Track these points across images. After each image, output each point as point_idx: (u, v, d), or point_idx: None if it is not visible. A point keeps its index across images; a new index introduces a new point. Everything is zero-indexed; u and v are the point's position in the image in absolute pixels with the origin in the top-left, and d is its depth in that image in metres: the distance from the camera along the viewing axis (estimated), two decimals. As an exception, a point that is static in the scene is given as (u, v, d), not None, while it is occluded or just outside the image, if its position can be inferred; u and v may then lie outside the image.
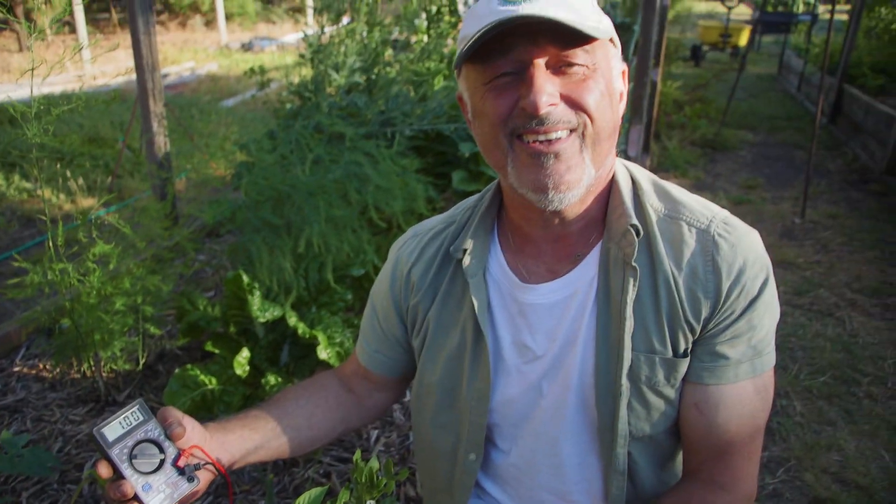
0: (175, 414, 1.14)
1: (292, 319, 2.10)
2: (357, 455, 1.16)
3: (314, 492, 1.15)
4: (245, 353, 2.14)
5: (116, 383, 2.67)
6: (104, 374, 2.65)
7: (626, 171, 1.19)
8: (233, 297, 2.19)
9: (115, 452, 1.05)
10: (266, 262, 2.21)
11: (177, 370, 2.31)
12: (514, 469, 1.30)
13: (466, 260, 1.22)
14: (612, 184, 1.17)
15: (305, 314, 2.26)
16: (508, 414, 1.26)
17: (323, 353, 2.07)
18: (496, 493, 1.38)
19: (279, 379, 2.13)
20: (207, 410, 2.18)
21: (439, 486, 1.43)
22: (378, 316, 1.40)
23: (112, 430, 1.07)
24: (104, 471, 1.05)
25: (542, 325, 1.19)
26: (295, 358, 2.30)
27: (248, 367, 2.17)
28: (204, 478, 1.14)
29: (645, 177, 1.20)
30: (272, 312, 2.10)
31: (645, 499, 1.22)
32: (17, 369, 2.85)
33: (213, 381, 2.22)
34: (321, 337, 2.08)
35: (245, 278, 2.10)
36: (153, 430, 1.10)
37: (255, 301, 2.11)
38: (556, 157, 1.02)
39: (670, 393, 1.13)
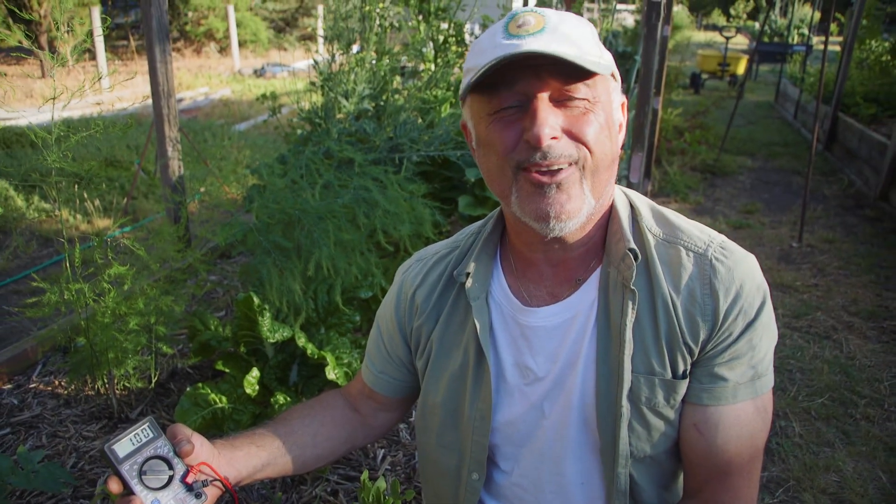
0: (184, 431, 1.15)
1: (301, 340, 2.10)
2: (364, 475, 1.16)
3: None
4: (255, 373, 2.14)
5: (129, 401, 2.67)
6: (117, 392, 2.65)
7: (625, 198, 1.21)
8: (243, 317, 2.19)
9: (125, 468, 1.05)
10: (276, 283, 2.22)
11: (188, 388, 2.31)
12: (517, 489, 1.30)
13: (469, 283, 1.23)
14: (612, 210, 1.18)
15: (314, 335, 2.27)
16: (511, 434, 1.26)
17: (331, 373, 2.07)
18: (499, 514, 1.37)
19: (288, 398, 2.12)
20: (218, 428, 2.18)
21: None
22: (383, 338, 1.40)
23: (123, 446, 1.07)
24: (115, 486, 1.05)
25: (543, 347, 1.20)
26: (304, 378, 2.30)
27: (257, 387, 2.16)
28: (212, 494, 1.14)
29: (643, 203, 1.21)
30: (282, 333, 2.11)
31: (647, 518, 1.21)
32: (33, 385, 2.85)
33: (224, 399, 2.21)
34: (329, 358, 2.09)
35: (256, 300, 2.11)
36: (163, 447, 1.10)
37: (266, 322, 2.11)
38: (558, 187, 1.03)
39: (670, 414, 1.13)
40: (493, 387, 1.22)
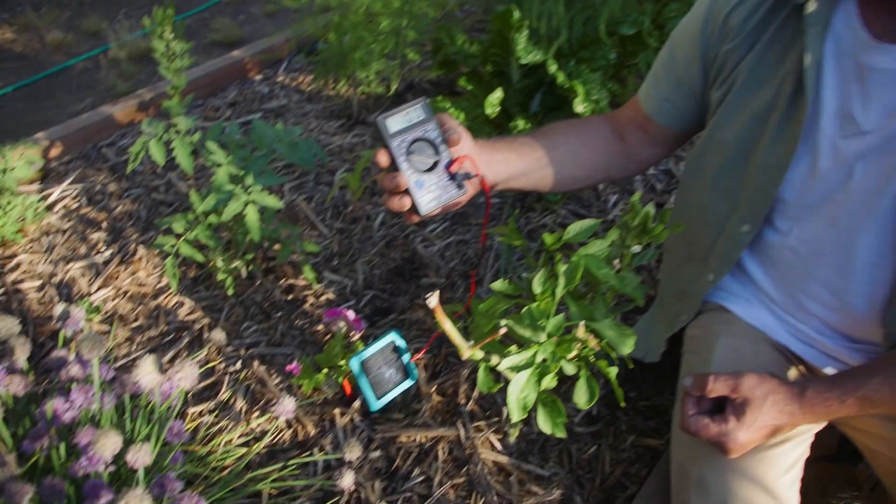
0: (452, 120, 1.12)
1: (553, 67, 1.99)
2: (636, 196, 1.09)
3: (586, 223, 1.12)
4: (498, 94, 2.09)
5: (367, 105, 2.76)
6: (357, 95, 2.74)
7: None
8: (497, 33, 2.10)
9: (394, 144, 1.05)
10: (536, 5, 2.08)
11: (427, 100, 2.32)
12: (788, 252, 1.19)
13: (811, 6, 1.03)
14: None
15: (564, 67, 2.15)
16: (804, 191, 1.12)
17: (579, 106, 1.97)
18: (756, 275, 1.28)
19: (528, 125, 2.08)
20: (453, 144, 2.20)
21: (693, 255, 1.35)
22: (677, 60, 1.26)
23: (395, 122, 1.06)
24: (383, 159, 1.06)
25: (881, 96, 1.01)
26: (546, 108, 2.22)
27: (498, 109, 2.12)
28: (469, 189, 1.13)
29: None
30: (534, 56, 2.00)
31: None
32: (280, 79, 3.02)
33: (462, 116, 2.21)
34: (580, 89, 1.98)
35: (516, 13, 1.99)
36: (432, 130, 1.09)
37: (521, 40, 2.01)
38: None
39: None
40: (803, 132, 1.07)
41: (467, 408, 1.63)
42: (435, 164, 1.09)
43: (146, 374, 1.04)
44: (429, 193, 1.09)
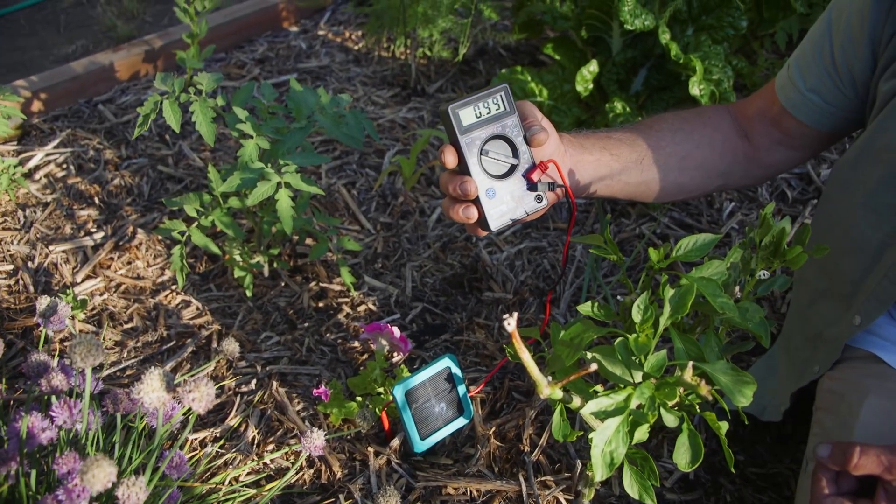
0: (537, 114, 1.13)
1: (665, 36, 1.99)
2: (769, 208, 1.09)
3: (702, 238, 1.12)
4: (593, 67, 2.10)
5: (427, 72, 2.80)
6: (417, 58, 2.78)
7: None
8: (599, -10, 2.11)
9: (466, 141, 1.07)
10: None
11: (502, 71, 2.34)
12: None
13: None
14: None
15: (679, 36, 2.14)
16: None
17: (695, 87, 1.96)
18: (922, 320, 1.26)
19: (627, 109, 2.08)
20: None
21: (834, 289, 1.33)
22: (834, 40, 1.24)
23: (468, 113, 1.07)
24: (450, 159, 1.07)
25: None
26: (650, 88, 2.22)
27: (591, 86, 2.13)
28: (549, 200, 1.14)
29: None
30: (644, 21, 2.00)
31: None
32: (321, 33, 3.07)
33: (545, 93, 2.22)
34: (697, 66, 1.96)
35: (624, -33, 2.00)
36: (513, 127, 1.10)
37: (629, 1, 2.01)
38: None
39: None
40: None
41: (532, 457, 1.64)
42: (512, 169, 1.10)
43: (151, 390, 1.07)
44: (501, 205, 1.10)
